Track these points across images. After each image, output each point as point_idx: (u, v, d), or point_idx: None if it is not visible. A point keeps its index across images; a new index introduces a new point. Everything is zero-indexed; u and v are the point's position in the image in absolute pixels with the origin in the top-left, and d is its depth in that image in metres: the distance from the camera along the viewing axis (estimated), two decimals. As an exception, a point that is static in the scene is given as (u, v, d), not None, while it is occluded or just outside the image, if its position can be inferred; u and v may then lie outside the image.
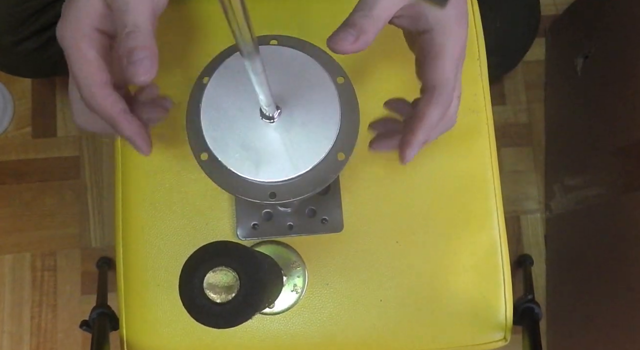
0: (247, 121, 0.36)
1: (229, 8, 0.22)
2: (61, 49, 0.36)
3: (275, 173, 0.35)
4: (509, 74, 1.17)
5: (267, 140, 0.35)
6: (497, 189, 0.54)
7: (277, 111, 0.35)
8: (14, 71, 0.79)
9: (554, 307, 1.07)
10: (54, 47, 0.73)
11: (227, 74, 0.37)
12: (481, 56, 0.56)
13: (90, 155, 1.15)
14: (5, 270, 1.12)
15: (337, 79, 0.36)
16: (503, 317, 0.53)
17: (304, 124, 0.35)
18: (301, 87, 0.36)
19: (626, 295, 0.79)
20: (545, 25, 1.16)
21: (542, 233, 1.13)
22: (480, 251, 0.53)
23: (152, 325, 0.53)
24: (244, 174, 0.35)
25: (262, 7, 0.57)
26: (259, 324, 0.53)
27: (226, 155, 0.35)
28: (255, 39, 0.25)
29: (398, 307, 0.53)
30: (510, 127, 1.16)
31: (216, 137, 0.36)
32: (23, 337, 1.11)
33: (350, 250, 0.53)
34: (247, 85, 0.34)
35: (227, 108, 0.36)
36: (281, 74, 0.36)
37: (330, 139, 0.35)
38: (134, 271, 0.53)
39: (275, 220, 0.52)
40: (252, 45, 0.26)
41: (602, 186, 0.88)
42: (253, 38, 0.25)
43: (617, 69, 0.86)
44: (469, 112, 0.55)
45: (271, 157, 0.35)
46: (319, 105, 0.36)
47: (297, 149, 0.35)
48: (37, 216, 1.13)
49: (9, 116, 1.15)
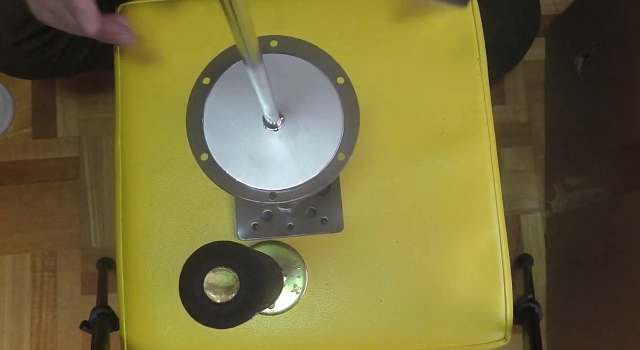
0: (251, 131, 0.36)
1: (234, 23, 0.22)
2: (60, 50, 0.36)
3: (283, 181, 0.35)
4: (509, 73, 1.16)
5: (272, 149, 0.36)
6: (497, 188, 0.54)
7: (280, 119, 0.35)
8: (14, 72, 0.78)
9: (554, 307, 1.07)
10: (53, 48, 0.73)
11: (229, 82, 0.37)
12: (481, 56, 0.56)
13: (90, 156, 1.15)
14: (6, 271, 1.12)
15: (337, 80, 0.36)
16: (503, 316, 0.53)
17: (307, 129, 0.36)
18: (302, 92, 0.36)
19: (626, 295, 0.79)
20: (545, 25, 1.16)
21: (542, 232, 1.13)
22: (481, 251, 0.53)
23: (152, 325, 0.53)
24: (253, 185, 0.35)
25: (262, 7, 0.57)
26: (259, 324, 0.53)
27: (233, 167, 0.35)
28: (259, 51, 0.26)
29: (398, 307, 0.53)
30: (510, 126, 1.16)
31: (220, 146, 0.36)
32: (23, 338, 1.11)
33: (350, 250, 0.53)
34: (248, 93, 0.34)
35: (229, 118, 0.36)
36: (281, 82, 0.36)
37: (335, 141, 0.35)
38: (134, 271, 0.53)
39: (275, 221, 0.52)
40: (257, 56, 0.26)
41: (602, 186, 0.88)
42: (258, 50, 0.25)
43: (617, 69, 0.86)
44: (469, 112, 0.55)
45: (278, 166, 0.35)
46: (321, 109, 0.36)
47: (303, 154, 0.35)
48: (37, 216, 1.13)
49: (9, 117, 1.15)
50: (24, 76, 0.81)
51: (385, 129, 0.55)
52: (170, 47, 0.56)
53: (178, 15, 0.57)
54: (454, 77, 0.55)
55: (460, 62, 0.55)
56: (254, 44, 0.25)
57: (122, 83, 0.56)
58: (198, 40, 0.56)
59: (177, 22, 0.57)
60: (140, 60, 0.57)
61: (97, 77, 1.15)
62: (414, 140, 0.54)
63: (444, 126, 0.55)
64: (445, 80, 0.55)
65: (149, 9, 0.58)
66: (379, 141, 0.54)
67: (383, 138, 0.55)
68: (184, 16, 0.57)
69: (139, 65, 0.56)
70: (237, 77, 0.37)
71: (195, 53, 0.56)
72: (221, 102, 0.36)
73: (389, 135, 0.55)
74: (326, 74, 0.36)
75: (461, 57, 0.56)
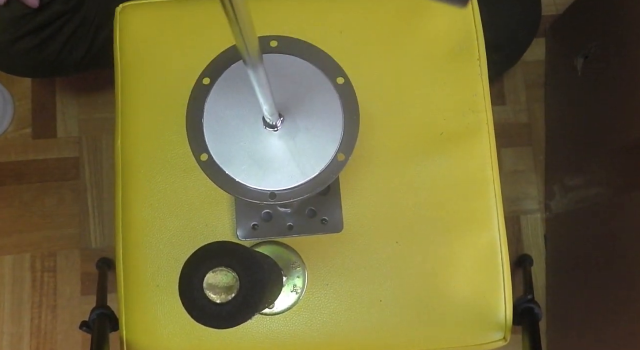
0: (251, 131, 0.36)
1: (234, 22, 0.22)
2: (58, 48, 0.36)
3: (284, 181, 0.35)
4: (509, 72, 1.16)
5: (272, 149, 0.36)
6: (497, 189, 0.54)
7: (280, 119, 0.35)
8: (12, 71, 0.79)
9: (554, 307, 1.07)
10: (50, 46, 0.73)
11: (229, 82, 0.37)
12: (481, 56, 0.56)
13: (90, 156, 1.15)
14: (5, 271, 1.12)
15: (337, 80, 0.36)
16: (503, 317, 0.53)
17: (307, 129, 0.36)
18: (302, 93, 0.36)
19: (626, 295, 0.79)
20: (545, 25, 1.16)
21: (542, 233, 1.13)
22: (480, 251, 0.53)
23: (152, 325, 0.53)
24: (253, 185, 0.35)
25: (262, 7, 0.57)
26: (259, 324, 0.53)
27: (233, 167, 0.35)
28: (260, 51, 0.26)
29: (398, 307, 0.53)
30: (510, 127, 1.16)
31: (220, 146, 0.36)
32: (23, 338, 1.11)
33: (350, 251, 0.53)
34: (248, 93, 0.34)
35: (229, 118, 0.36)
36: (281, 82, 0.36)
37: (336, 141, 0.35)
38: (134, 272, 0.53)
39: (275, 221, 0.52)
40: (257, 56, 0.26)
41: (602, 186, 0.88)
42: (258, 50, 0.25)
43: (617, 69, 0.86)
44: (469, 112, 0.55)
45: (278, 166, 0.35)
46: (321, 109, 0.36)
47: (303, 154, 0.35)
48: (37, 217, 1.13)
49: (9, 117, 1.15)
50: (22, 74, 0.81)
51: (385, 129, 0.55)
52: (171, 47, 0.56)
53: (178, 15, 0.57)
54: (454, 77, 0.55)
55: (460, 62, 0.55)
56: (254, 43, 0.25)
57: (122, 83, 0.56)
58: (198, 40, 0.56)
59: (177, 22, 0.57)
60: (140, 61, 0.57)
61: (97, 77, 1.15)
62: (414, 140, 0.54)
63: (444, 126, 0.55)
64: (445, 81, 0.55)
65: (149, 9, 0.58)
66: (378, 141, 0.54)
67: (383, 138, 0.55)
68: (184, 16, 0.57)
69: (139, 65, 0.56)
70: (237, 78, 0.37)
71: (195, 53, 0.56)
72: (221, 102, 0.36)
73: (389, 136, 0.55)
74: (326, 74, 0.36)
75: (461, 57, 0.56)
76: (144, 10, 0.58)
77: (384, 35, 0.56)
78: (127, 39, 0.57)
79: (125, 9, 0.58)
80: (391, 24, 0.56)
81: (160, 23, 0.57)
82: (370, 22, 0.56)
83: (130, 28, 0.57)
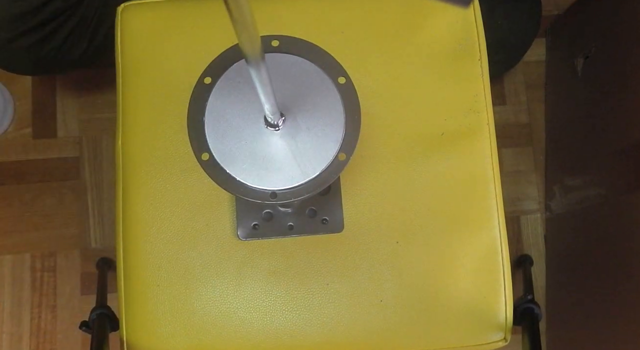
0: (252, 130, 0.36)
1: (238, 21, 0.22)
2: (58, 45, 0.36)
3: (285, 181, 0.35)
4: (510, 72, 1.17)
5: (273, 148, 0.36)
6: (497, 189, 0.54)
7: (281, 118, 0.35)
8: (12, 68, 0.79)
9: (554, 307, 1.07)
10: (50, 43, 0.73)
11: (230, 81, 0.37)
12: (482, 56, 0.56)
13: (90, 156, 1.15)
14: (5, 271, 1.12)
15: (339, 80, 0.36)
16: (503, 317, 0.53)
17: (308, 128, 0.36)
18: (303, 92, 0.36)
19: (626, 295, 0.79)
20: (546, 25, 1.16)
21: (542, 233, 1.13)
22: (481, 251, 0.53)
23: (152, 325, 0.53)
24: (254, 184, 0.35)
25: (264, 7, 0.57)
26: (259, 324, 0.53)
27: (234, 167, 0.35)
28: (262, 49, 0.26)
29: (398, 307, 0.53)
30: (510, 127, 1.16)
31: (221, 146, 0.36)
32: (23, 338, 1.11)
33: (350, 250, 0.53)
34: (249, 93, 0.34)
35: (230, 118, 0.36)
36: (283, 81, 0.36)
37: (337, 141, 0.35)
38: (134, 271, 0.53)
39: (276, 221, 0.52)
40: (259, 55, 0.26)
41: (602, 186, 0.88)
42: (260, 49, 0.25)
43: (617, 69, 0.86)
44: (469, 112, 0.55)
45: (279, 166, 0.35)
46: (322, 109, 0.36)
47: (304, 154, 0.35)
48: (37, 217, 1.13)
49: (9, 117, 1.14)
50: (22, 72, 0.81)
51: (386, 129, 0.55)
52: (172, 46, 0.56)
53: (179, 14, 0.57)
54: (455, 78, 0.55)
55: (461, 63, 0.56)
56: (256, 42, 0.25)
57: (123, 83, 0.56)
58: (199, 40, 0.56)
59: (178, 22, 0.57)
60: (141, 60, 0.57)
61: (98, 77, 1.15)
62: (415, 140, 0.54)
63: (444, 126, 0.55)
64: (446, 81, 0.55)
65: (149, 9, 0.58)
66: (379, 141, 0.54)
67: (384, 138, 0.55)
68: (185, 16, 0.57)
69: (140, 65, 0.56)
70: (239, 77, 0.37)
71: (196, 52, 0.56)
72: (222, 101, 0.36)
73: (390, 136, 0.55)
74: (328, 74, 0.36)
75: (462, 58, 0.56)
76: (145, 9, 0.58)
77: (385, 35, 0.56)
78: (129, 39, 0.57)
79: (127, 8, 0.58)
80: (393, 24, 0.56)
81: (162, 22, 0.57)
82: (371, 22, 0.56)
83: (131, 27, 0.57)
